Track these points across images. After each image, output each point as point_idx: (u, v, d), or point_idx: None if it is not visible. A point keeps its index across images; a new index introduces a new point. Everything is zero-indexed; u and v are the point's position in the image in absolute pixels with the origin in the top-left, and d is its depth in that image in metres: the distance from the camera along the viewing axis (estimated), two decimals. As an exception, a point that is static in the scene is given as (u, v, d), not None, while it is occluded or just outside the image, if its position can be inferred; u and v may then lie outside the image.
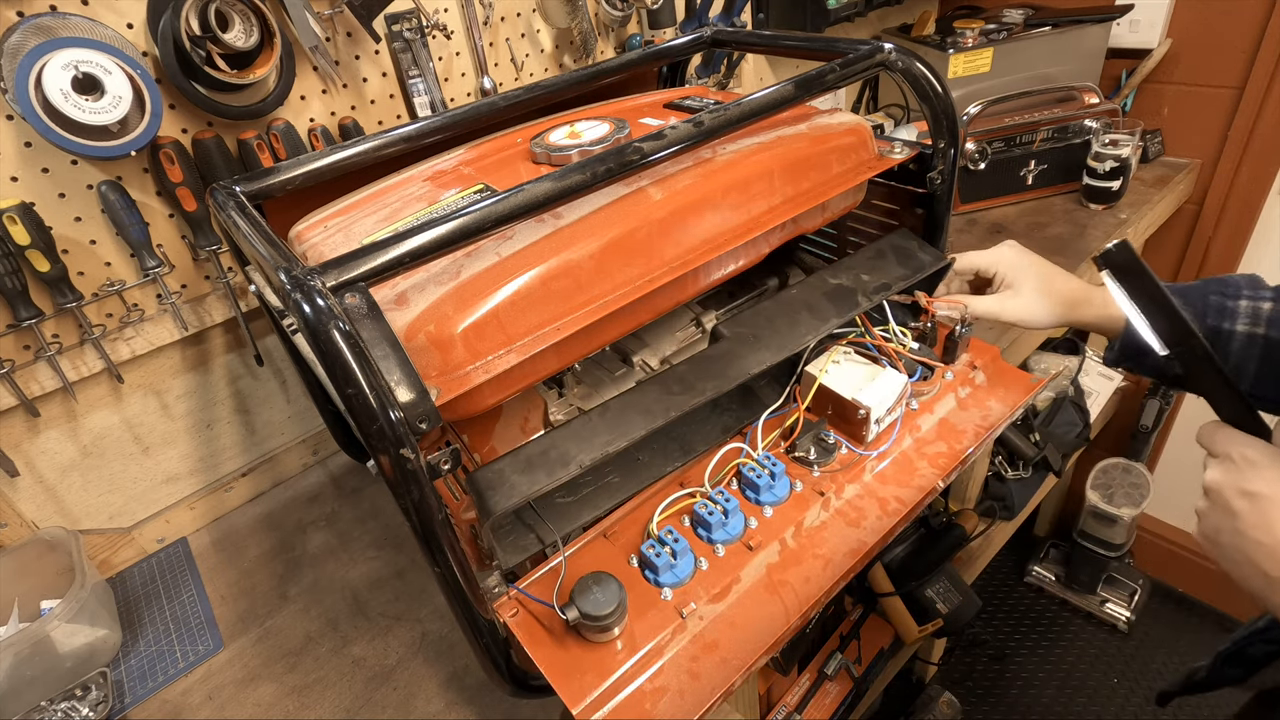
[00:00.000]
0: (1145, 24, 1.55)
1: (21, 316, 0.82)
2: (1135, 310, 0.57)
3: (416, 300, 0.57)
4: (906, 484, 0.70)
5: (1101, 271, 0.58)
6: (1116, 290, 0.57)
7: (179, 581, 0.99)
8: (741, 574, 0.63)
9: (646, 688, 0.56)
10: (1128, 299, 0.57)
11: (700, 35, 0.99)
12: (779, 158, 0.71)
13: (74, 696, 0.81)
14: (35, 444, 0.92)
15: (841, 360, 0.76)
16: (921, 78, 0.75)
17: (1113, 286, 0.57)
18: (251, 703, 0.82)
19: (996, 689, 1.83)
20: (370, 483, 1.12)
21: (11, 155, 0.79)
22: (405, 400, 0.48)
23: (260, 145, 0.91)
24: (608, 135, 0.73)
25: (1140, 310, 0.57)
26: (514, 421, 0.76)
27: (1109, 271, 0.57)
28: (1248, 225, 1.60)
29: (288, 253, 0.54)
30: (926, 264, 0.79)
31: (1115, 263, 0.56)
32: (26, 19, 0.75)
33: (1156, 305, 0.56)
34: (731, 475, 0.71)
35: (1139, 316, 0.57)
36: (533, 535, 0.65)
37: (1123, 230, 1.39)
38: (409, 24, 1.00)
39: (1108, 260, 0.57)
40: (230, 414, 1.09)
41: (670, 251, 0.65)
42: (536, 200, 0.55)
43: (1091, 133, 1.41)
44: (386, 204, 0.73)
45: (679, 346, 0.83)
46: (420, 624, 0.88)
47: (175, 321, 0.95)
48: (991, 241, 1.40)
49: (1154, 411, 1.89)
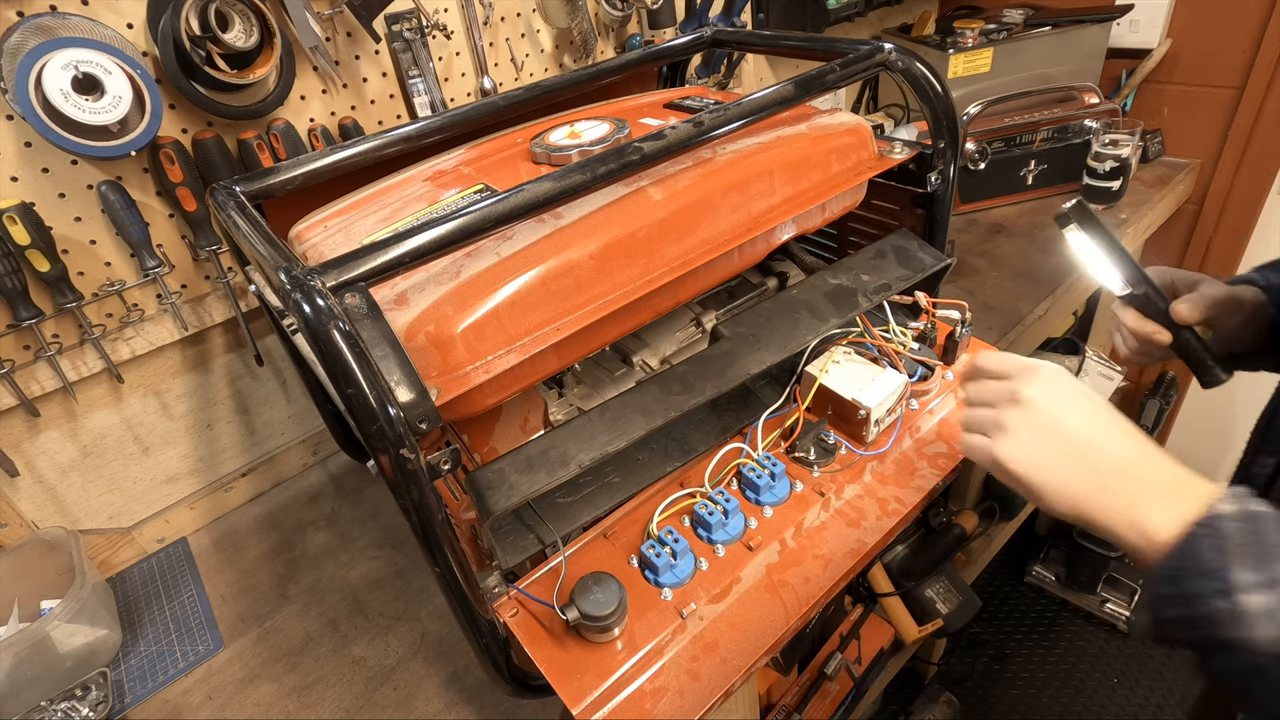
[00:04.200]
0: (1145, 24, 1.55)
1: (21, 316, 0.82)
2: (1099, 255, 0.67)
3: (416, 300, 0.57)
4: (906, 484, 0.70)
5: (1067, 227, 0.67)
6: (1081, 240, 0.67)
7: (179, 581, 0.99)
8: (741, 574, 0.63)
9: (646, 688, 0.56)
10: (1093, 246, 0.66)
11: (700, 35, 0.99)
12: (779, 158, 0.71)
13: (74, 696, 0.81)
14: (35, 444, 0.92)
15: (841, 360, 0.76)
16: (921, 78, 0.75)
17: (1076, 238, 0.67)
18: (251, 703, 0.82)
19: (996, 689, 1.82)
20: (370, 483, 1.12)
21: (11, 155, 0.79)
22: (405, 400, 0.48)
23: (260, 145, 0.91)
24: (608, 135, 0.73)
25: (1104, 255, 0.66)
26: (514, 421, 0.76)
27: (1075, 225, 0.66)
28: (1248, 225, 1.60)
29: (288, 253, 0.54)
30: (927, 264, 0.79)
31: (1078, 216, 0.66)
32: (26, 19, 0.75)
33: (1115, 251, 0.66)
34: (731, 475, 0.71)
35: (1103, 260, 0.67)
36: (533, 535, 0.65)
37: (1123, 230, 1.39)
38: (409, 24, 1.00)
39: (1074, 215, 0.66)
40: (230, 414, 1.09)
41: (670, 251, 0.65)
42: (536, 200, 0.55)
43: (1091, 133, 1.41)
44: (386, 204, 0.73)
45: (679, 346, 0.83)
46: (420, 624, 0.88)
47: (175, 321, 0.95)
48: (992, 242, 1.41)
49: (1154, 411, 1.89)
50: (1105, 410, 0.52)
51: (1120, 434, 0.51)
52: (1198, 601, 0.43)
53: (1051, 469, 0.51)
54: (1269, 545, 0.42)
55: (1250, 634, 0.41)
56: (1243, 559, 0.42)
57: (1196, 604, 0.43)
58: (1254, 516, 0.43)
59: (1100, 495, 0.49)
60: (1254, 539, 0.42)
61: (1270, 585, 0.41)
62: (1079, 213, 0.66)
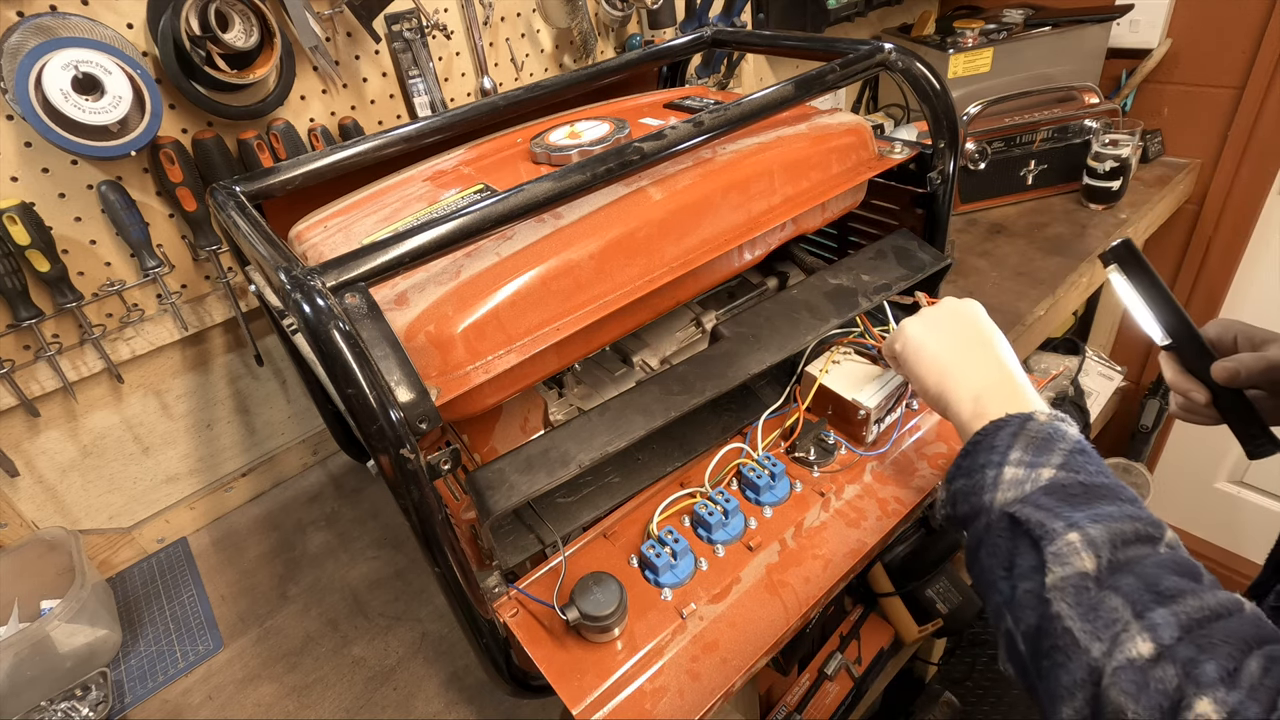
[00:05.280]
0: (1145, 24, 1.55)
1: (21, 316, 0.82)
2: (1140, 302, 0.62)
3: (416, 300, 0.57)
4: (906, 484, 0.70)
5: (1108, 267, 0.62)
6: (1122, 284, 0.62)
7: (179, 581, 0.99)
8: (741, 574, 0.63)
9: (646, 688, 0.56)
10: (1133, 291, 0.61)
11: (700, 35, 0.99)
12: (779, 158, 0.71)
13: (74, 696, 0.81)
14: (35, 444, 0.92)
15: (842, 360, 0.76)
16: (921, 78, 0.75)
17: (1118, 280, 0.62)
18: (251, 703, 0.82)
19: (996, 689, 1.83)
20: (370, 483, 1.12)
21: (11, 155, 0.79)
22: (405, 400, 0.48)
23: (260, 145, 0.91)
24: (608, 135, 0.73)
25: (1144, 302, 0.61)
26: (514, 421, 0.76)
27: (1116, 266, 0.61)
28: (1248, 225, 1.60)
29: (288, 253, 0.54)
30: (926, 264, 0.79)
31: (1121, 257, 0.60)
32: (26, 19, 0.75)
33: (1159, 297, 0.61)
34: (731, 475, 0.71)
35: (1143, 307, 0.62)
36: (533, 535, 0.65)
37: (1123, 230, 1.39)
38: (409, 24, 1.00)
39: (1115, 255, 0.61)
40: (230, 414, 1.09)
41: (670, 251, 0.65)
42: (536, 200, 0.55)
43: (1091, 133, 1.41)
44: (386, 204, 0.73)
45: (679, 346, 0.83)
46: (420, 624, 0.88)
47: (175, 321, 0.95)
48: (992, 242, 1.41)
49: (1154, 411, 1.89)
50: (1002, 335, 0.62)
51: (1007, 349, 0.61)
52: (977, 471, 0.50)
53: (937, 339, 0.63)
54: (1053, 445, 0.49)
55: (996, 496, 0.48)
56: (1025, 446, 0.49)
57: (976, 473, 0.50)
58: (1060, 431, 0.50)
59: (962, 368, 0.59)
60: (1045, 439, 0.49)
61: (1031, 465, 0.48)
62: (1121, 253, 0.61)
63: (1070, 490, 0.46)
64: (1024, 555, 0.45)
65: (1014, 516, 0.46)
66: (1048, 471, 0.47)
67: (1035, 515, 0.45)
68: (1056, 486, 0.46)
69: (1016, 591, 0.44)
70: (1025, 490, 0.47)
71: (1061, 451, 0.48)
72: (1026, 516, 0.45)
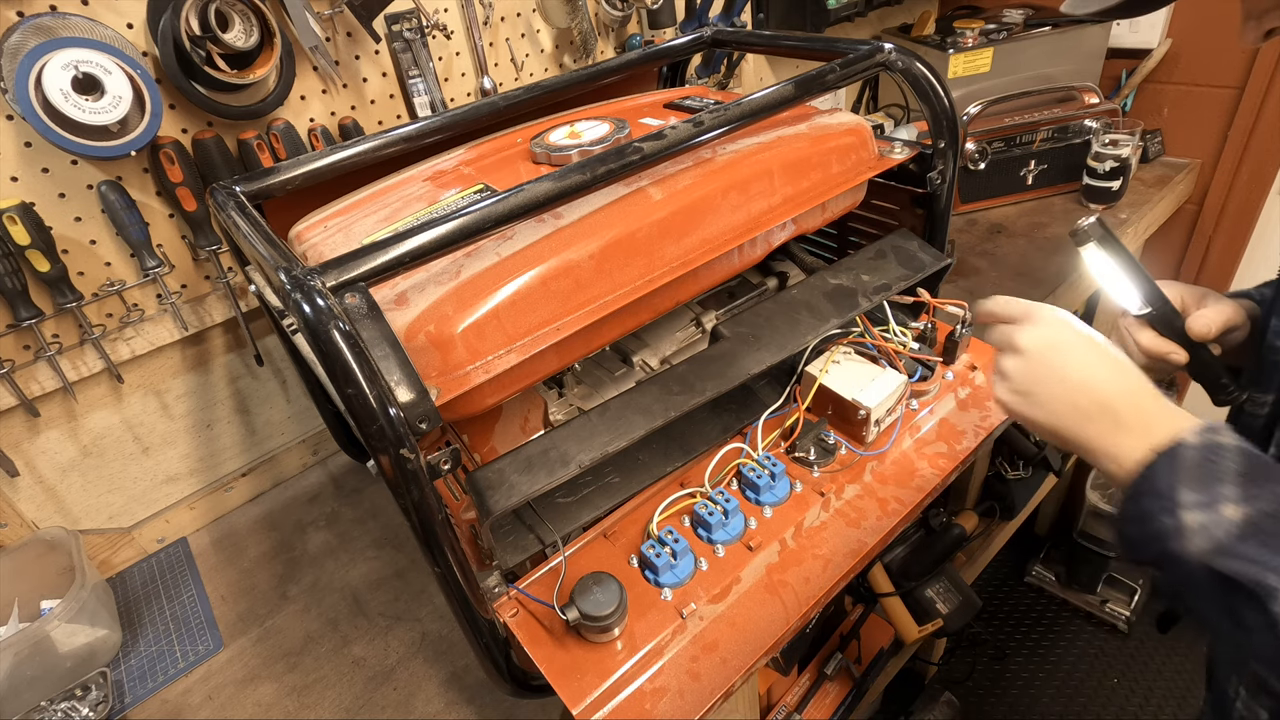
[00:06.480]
0: (1145, 24, 1.54)
1: (21, 316, 0.82)
2: (1119, 274, 0.64)
3: (416, 300, 0.57)
4: (906, 484, 0.70)
5: (1084, 245, 0.64)
6: (1100, 259, 0.64)
7: (179, 581, 0.99)
8: (741, 574, 0.63)
9: (646, 688, 0.56)
10: (1112, 264, 0.64)
11: (700, 35, 0.99)
12: (779, 158, 0.71)
13: (74, 696, 0.81)
14: (35, 444, 0.92)
15: (841, 360, 0.76)
16: (921, 78, 0.75)
17: (1096, 256, 0.65)
18: (251, 703, 0.82)
19: (996, 689, 1.82)
20: (370, 483, 1.12)
21: (11, 155, 0.79)
22: (405, 400, 0.48)
23: (260, 145, 0.91)
24: (608, 135, 0.73)
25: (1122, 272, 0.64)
26: (514, 421, 0.76)
27: (1093, 242, 0.64)
28: (1248, 225, 1.60)
29: (288, 253, 0.54)
30: (926, 264, 0.79)
31: (1097, 234, 0.64)
32: (26, 19, 0.75)
33: (1132, 268, 0.64)
34: (731, 475, 0.71)
35: (1121, 279, 0.65)
36: (533, 535, 0.65)
37: (1123, 230, 1.39)
38: (409, 24, 1.00)
39: (1091, 233, 0.64)
40: (230, 414, 1.09)
41: (670, 251, 0.65)
42: (536, 200, 0.55)
43: (1091, 133, 1.40)
44: (386, 204, 0.73)
45: (679, 346, 0.83)
46: (420, 624, 0.88)
47: (175, 321, 0.95)
48: (992, 242, 1.41)
49: (1154, 411, 1.89)
50: (1096, 351, 0.56)
51: (1107, 373, 0.54)
52: (1149, 519, 0.48)
53: (1042, 409, 0.56)
54: (1218, 470, 0.46)
55: (1185, 546, 0.45)
56: (1190, 482, 0.46)
57: (1149, 521, 0.48)
58: (1215, 447, 0.47)
59: (1083, 430, 0.54)
60: (1206, 465, 0.47)
61: (1208, 505, 0.45)
62: (1097, 230, 0.63)
63: (1265, 529, 0.43)
64: (1249, 613, 0.43)
65: (1220, 573, 0.44)
66: (1229, 509, 0.45)
67: (1244, 571, 0.43)
68: (1251, 529, 0.44)
69: (1258, 642, 0.43)
70: (1217, 538, 0.44)
71: (1232, 475, 0.46)
72: (1235, 572, 0.43)
